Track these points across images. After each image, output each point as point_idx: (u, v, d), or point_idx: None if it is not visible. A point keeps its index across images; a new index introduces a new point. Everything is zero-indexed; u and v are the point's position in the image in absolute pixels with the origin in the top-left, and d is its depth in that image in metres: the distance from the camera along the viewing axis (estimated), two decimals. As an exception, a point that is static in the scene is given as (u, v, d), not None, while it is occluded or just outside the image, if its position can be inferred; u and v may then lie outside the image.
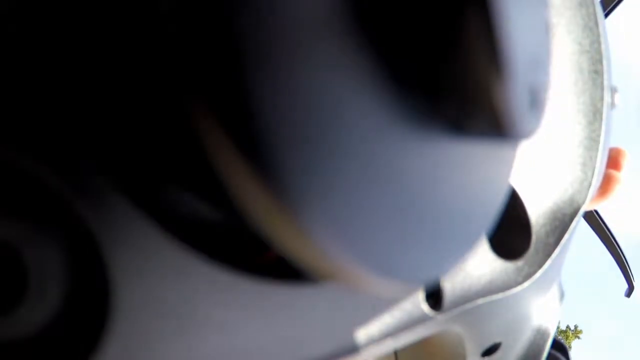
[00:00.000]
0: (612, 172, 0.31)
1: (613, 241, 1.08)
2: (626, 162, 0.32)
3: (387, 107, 0.09)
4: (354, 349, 0.14)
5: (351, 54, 0.08)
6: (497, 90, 0.09)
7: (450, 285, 0.17)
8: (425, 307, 0.17)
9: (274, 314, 0.12)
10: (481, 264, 0.19)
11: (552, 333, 0.29)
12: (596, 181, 0.26)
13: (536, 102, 0.10)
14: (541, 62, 0.11)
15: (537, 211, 0.23)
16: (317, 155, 0.08)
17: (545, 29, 0.11)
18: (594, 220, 1.02)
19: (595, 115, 0.26)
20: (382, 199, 0.09)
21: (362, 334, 0.14)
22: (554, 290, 0.29)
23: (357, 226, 0.09)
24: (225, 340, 0.11)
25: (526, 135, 0.10)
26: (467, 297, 0.18)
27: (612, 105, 0.28)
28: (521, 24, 0.09)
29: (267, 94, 0.07)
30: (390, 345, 0.16)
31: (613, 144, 0.30)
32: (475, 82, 0.09)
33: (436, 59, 0.09)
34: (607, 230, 1.06)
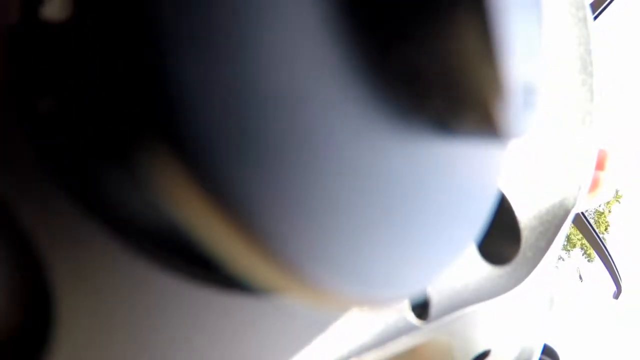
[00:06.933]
0: (598, 172, 0.31)
1: (600, 243, 1.09)
2: (610, 163, 0.32)
3: (363, 101, 0.08)
4: None
5: (320, 39, 0.07)
6: (489, 84, 0.08)
7: (437, 294, 0.17)
8: (411, 317, 0.16)
9: (237, 327, 0.11)
10: (469, 270, 0.18)
11: (542, 339, 0.29)
12: (586, 184, 0.26)
13: (530, 99, 0.09)
14: (535, 57, 0.10)
15: (526, 215, 0.22)
16: (273, 155, 0.07)
17: (540, 23, 0.11)
18: (581, 223, 1.02)
19: (584, 117, 0.26)
20: (358, 204, 0.08)
21: (340, 348, 0.13)
22: (544, 295, 0.28)
23: (327, 235, 0.08)
24: (178, 351, 0.11)
25: (519, 134, 0.09)
26: (455, 305, 0.18)
27: (601, 107, 0.28)
28: (516, 14, 0.08)
29: (205, 78, 0.06)
30: (374, 357, 0.15)
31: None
32: (465, 76, 0.08)
33: (421, 48, 0.08)
34: (594, 233, 1.07)
